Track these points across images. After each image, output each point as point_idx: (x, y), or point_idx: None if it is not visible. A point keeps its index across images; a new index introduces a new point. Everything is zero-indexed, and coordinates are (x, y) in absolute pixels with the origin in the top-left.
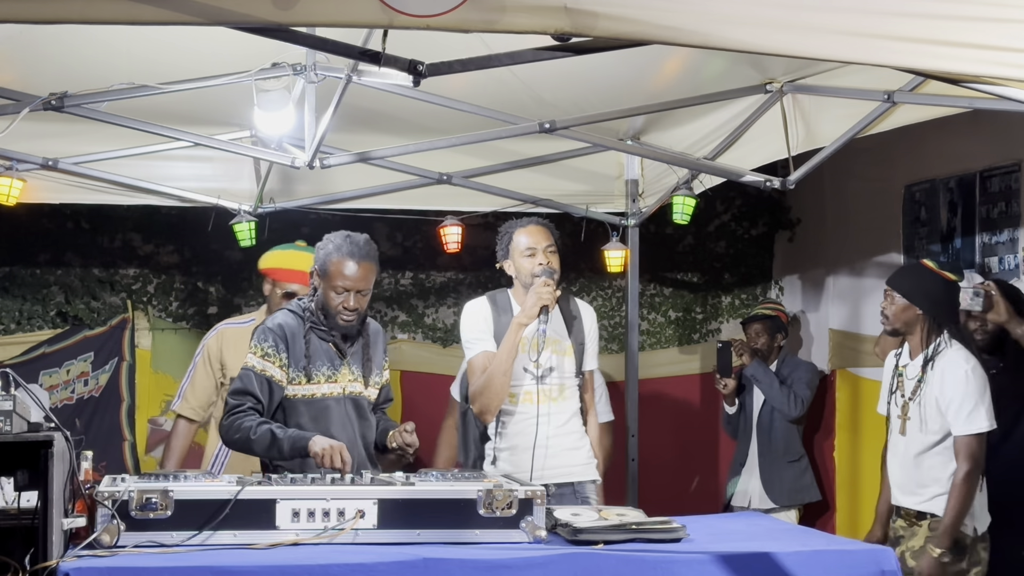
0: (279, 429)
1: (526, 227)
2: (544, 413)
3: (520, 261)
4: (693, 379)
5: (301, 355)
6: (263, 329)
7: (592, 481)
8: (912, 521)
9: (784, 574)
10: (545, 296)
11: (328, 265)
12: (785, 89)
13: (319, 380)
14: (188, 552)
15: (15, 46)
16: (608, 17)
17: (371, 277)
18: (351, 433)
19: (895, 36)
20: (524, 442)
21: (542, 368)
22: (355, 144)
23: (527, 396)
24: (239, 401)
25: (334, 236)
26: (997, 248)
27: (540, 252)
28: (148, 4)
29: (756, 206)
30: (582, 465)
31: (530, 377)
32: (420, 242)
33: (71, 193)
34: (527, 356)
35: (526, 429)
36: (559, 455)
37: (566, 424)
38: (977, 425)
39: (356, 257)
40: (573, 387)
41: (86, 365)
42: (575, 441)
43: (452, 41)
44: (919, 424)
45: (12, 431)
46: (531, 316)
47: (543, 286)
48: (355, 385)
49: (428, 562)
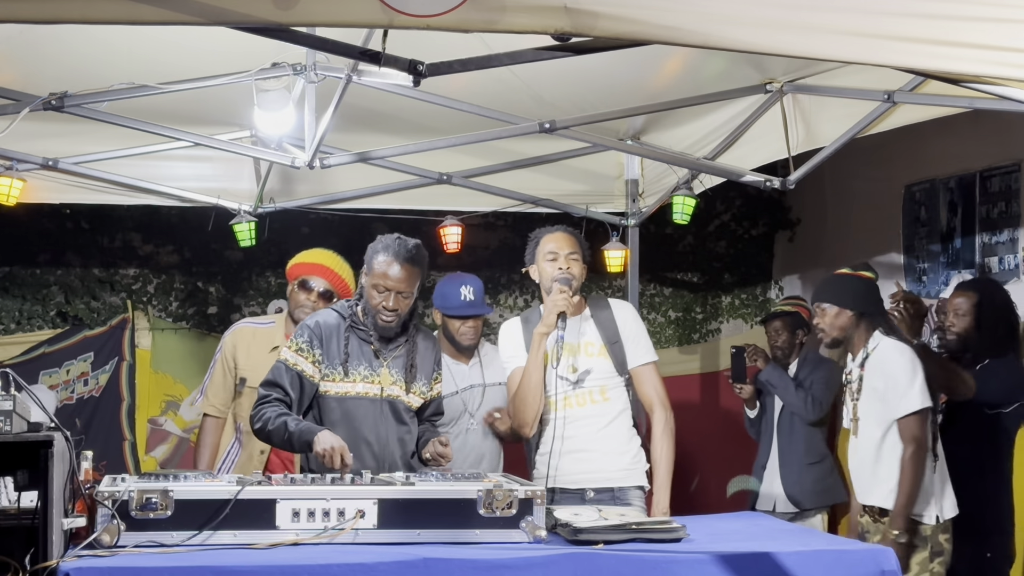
0: (293, 421)
1: (553, 233)
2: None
3: (543, 265)
4: (693, 379)
5: (339, 352)
6: (301, 325)
7: (638, 487)
8: (876, 518)
9: (784, 574)
10: (561, 303)
11: (374, 263)
12: (785, 89)
13: (355, 379)
14: (188, 552)
15: (15, 46)
16: (608, 17)
17: (414, 280)
18: (384, 434)
19: (895, 36)
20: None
21: (578, 373)
22: (355, 144)
23: (567, 402)
24: (267, 392)
25: (386, 237)
26: (997, 248)
27: (562, 257)
28: (148, 4)
29: (756, 206)
30: (624, 470)
31: (565, 383)
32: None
33: (71, 193)
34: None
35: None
36: (597, 459)
37: (606, 427)
38: (911, 404)
39: (401, 259)
40: (616, 387)
41: (86, 365)
42: (618, 445)
43: (452, 41)
44: (870, 420)
45: (12, 431)
46: (550, 324)
47: (558, 293)
48: (394, 388)
49: (428, 562)
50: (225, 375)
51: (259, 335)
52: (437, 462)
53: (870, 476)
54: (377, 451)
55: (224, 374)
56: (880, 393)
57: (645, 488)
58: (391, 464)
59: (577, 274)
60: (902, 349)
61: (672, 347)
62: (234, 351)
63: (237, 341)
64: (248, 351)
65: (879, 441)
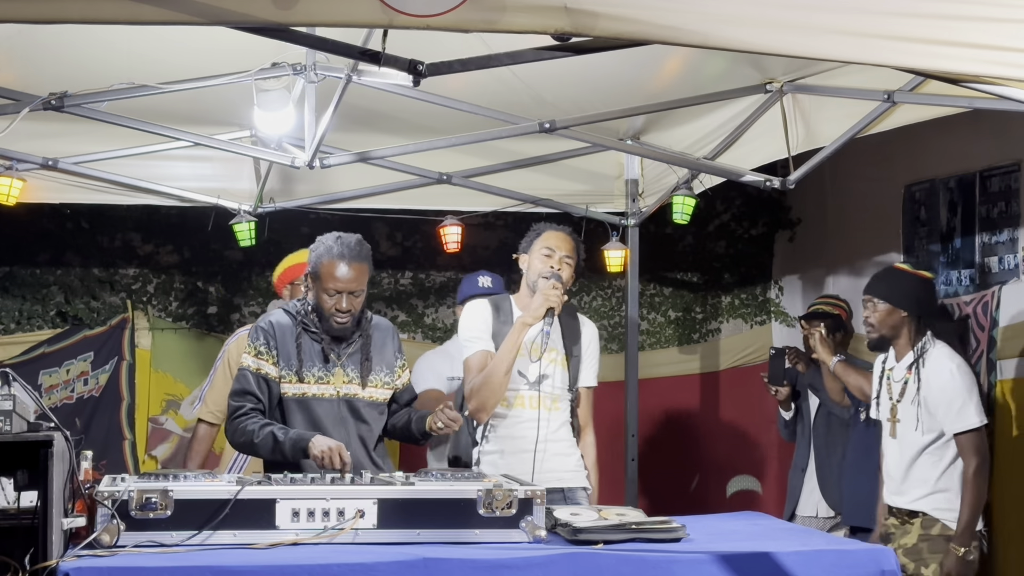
0: (280, 431)
1: (556, 231)
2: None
3: (535, 258)
4: (693, 379)
5: (292, 355)
6: (255, 328)
7: (583, 488)
8: (904, 519)
9: (784, 574)
10: (553, 298)
11: (319, 267)
12: (785, 89)
13: (309, 380)
14: (188, 552)
15: (15, 46)
16: (608, 17)
17: (363, 278)
18: (344, 435)
19: (895, 36)
20: (514, 446)
21: (539, 373)
22: (355, 144)
23: (519, 400)
24: (240, 403)
25: (325, 238)
26: (997, 248)
27: (556, 257)
28: (148, 4)
29: (756, 206)
30: (572, 471)
31: (524, 382)
32: (420, 242)
33: (71, 193)
34: (527, 358)
35: (517, 433)
36: (550, 459)
37: (558, 431)
38: (969, 421)
39: (347, 258)
40: (565, 400)
41: (86, 365)
42: (565, 448)
43: (452, 41)
44: (912, 425)
45: (12, 431)
46: (537, 316)
47: (551, 288)
48: (350, 387)
49: (428, 562)
50: (227, 381)
51: None
52: (449, 428)
53: (903, 478)
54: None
55: (226, 380)
56: (932, 403)
57: (588, 490)
58: (354, 462)
59: (566, 279)
60: (958, 361)
61: (672, 347)
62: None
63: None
64: None
65: (921, 448)
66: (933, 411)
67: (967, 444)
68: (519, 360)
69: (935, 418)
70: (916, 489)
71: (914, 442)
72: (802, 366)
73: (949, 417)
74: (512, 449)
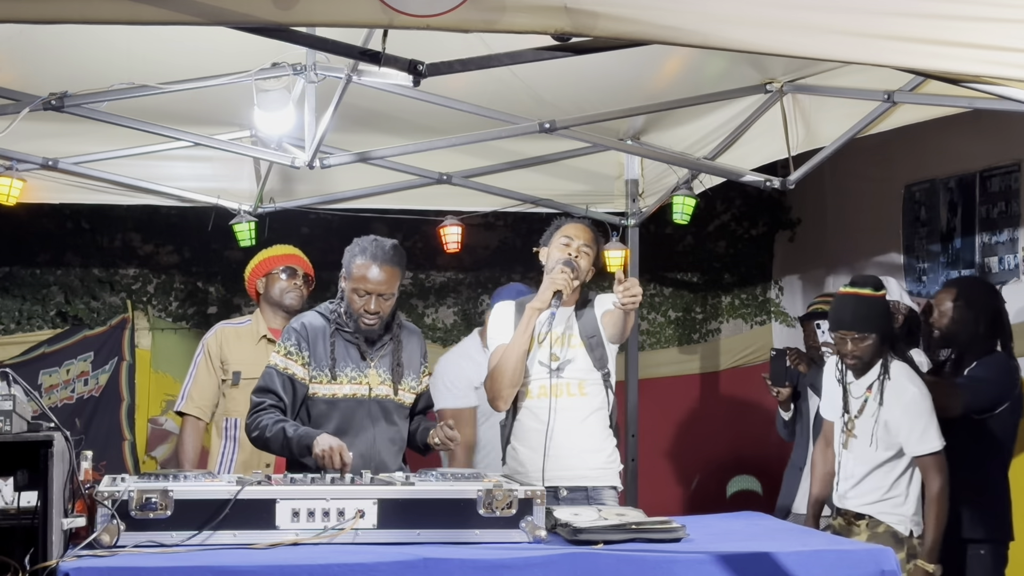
0: (291, 427)
1: (576, 223)
2: (557, 408)
3: (555, 248)
4: (693, 379)
5: (326, 355)
6: (288, 328)
7: (611, 487)
8: (851, 520)
9: (784, 574)
10: (559, 281)
11: (352, 267)
12: (785, 89)
13: (343, 381)
14: (188, 552)
15: (15, 46)
16: (608, 17)
17: (394, 282)
18: (369, 435)
19: (895, 36)
20: (530, 441)
21: (559, 361)
22: (355, 144)
23: (542, 391)
24: (260, 399)
25: (362, 239)
26: (997, 248)
27: (574, 246)
28: (148, 4)
29: (756, 206)
30: (599, 468)
31: (545, 370)
32: (420, 242)
33: (71, 193)
34: (546, 348)
35: (535, 427)
36: (571, 456)
37: (583, 423)
38: (932, 444)
39: (379, 261)
40: (594, 383)
41: (86, 365)
42: (595, 443)
43: (452, 41)
44: (867, 441)
45: (12, 431)
46: (544, 300)
47: (559, 272)
48: (382, 388)
49: (428, 562)
50: (210, 375)
51: (242, 332)
52: (446, 445)
53: (855, 484)
54: (365, 451)
55: (209, 374)
56: (894, 425)
57: (618, 489)
58: (379, 465)
59: (583, 267)
60: (919, 383)
61: (672, 347)
62: (219, 351)
63: (222, 341)
64: (235, 348)
65: (877, 463)
66: (894, 432)
67: (932, 465)
68: (540, 350)
69: (894, 438)
70: (868, 495)
71: (869, 458)
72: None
73: (912, 439)
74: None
